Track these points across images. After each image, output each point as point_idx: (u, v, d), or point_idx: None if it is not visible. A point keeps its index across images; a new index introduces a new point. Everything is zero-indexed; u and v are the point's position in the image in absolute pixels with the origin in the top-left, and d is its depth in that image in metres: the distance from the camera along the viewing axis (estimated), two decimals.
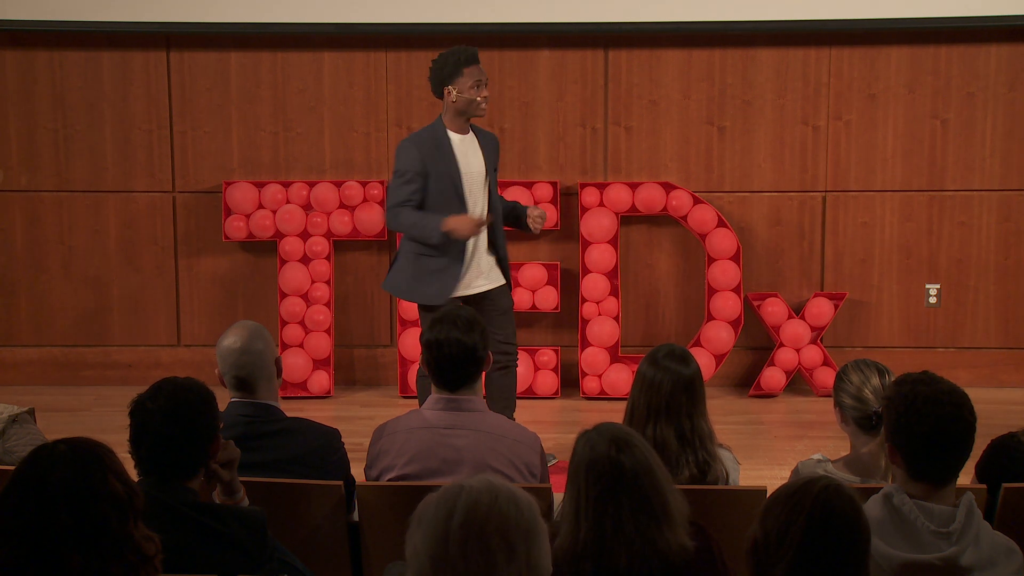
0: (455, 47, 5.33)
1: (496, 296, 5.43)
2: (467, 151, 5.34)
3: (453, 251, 5.27)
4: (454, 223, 5.16)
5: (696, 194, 6.87)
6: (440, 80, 5.30)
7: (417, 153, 5.26)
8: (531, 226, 5.44)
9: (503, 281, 5.46)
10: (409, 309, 6.87)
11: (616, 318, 6.87)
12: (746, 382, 7.01)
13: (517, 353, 5.50)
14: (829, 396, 3.78)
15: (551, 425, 6.32)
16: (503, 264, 5.47)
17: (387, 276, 5.51)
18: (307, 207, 6.93)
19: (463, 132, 5.35)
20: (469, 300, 5.30)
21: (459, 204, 5.28)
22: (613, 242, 6.85)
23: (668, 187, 6.86)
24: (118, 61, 6.98)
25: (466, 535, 2.02)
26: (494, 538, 2.02)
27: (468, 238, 5.22)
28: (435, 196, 5.27)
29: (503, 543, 2.02)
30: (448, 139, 5.31)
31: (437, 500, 2.07)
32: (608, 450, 2.66)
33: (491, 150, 5.43)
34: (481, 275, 5.38)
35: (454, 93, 5.26)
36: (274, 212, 6.91)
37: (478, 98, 5.26)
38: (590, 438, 2.71)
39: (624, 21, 6.73)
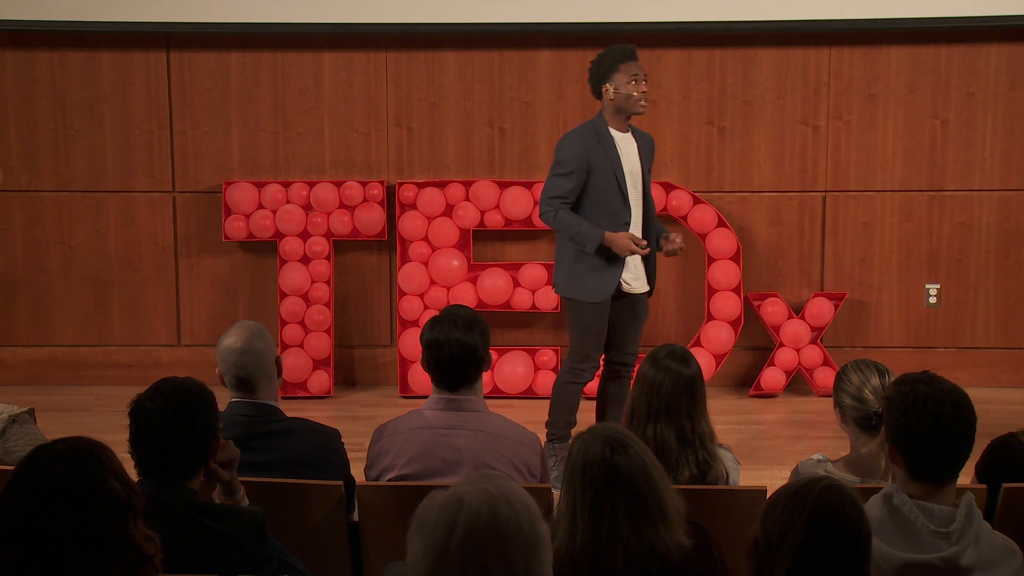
0: (613, 45, 5.32)
1: (638, 302, 5.43)
2: (627, 149, 5.32)
3: (612, 251, 5.24)
4: (611, 238, 5.17)
5: (696, 194, 6.87)
6: (597, 78, 5.28)
7: (581, 147, 5.24)
8: (664, 248, 5.36)
9: (648, 289, 5.44)
10: (409, 309, 6.87)
11: None
12: (746, 382, 7.01)
13: (635, 364, 5.48)
14: (829, 396, 3.78)
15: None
16: (651, 271, 5.44)
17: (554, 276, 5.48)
18: (307, 207, 6.93)
19: (623, 130, 5.31)
20: (624, 300, 5.35)
21: (622, 202, 5.27)
22: None
23: (668, 187, 6.86)
24: (118, 61, 6.98)
25: (465, 555, 2.02)
26: (493, 559, 2.02)
27: (623, 255, 5.19)
28: (598, 192, 5.24)
29: (502, 563, 2.03)
30: (610, 135, 5.28)
31: (438, 512, 2.06)
32: (603, 451, 2.66)
33: (647, 151, 5.39)
34: (641, 278, 5.39)
35: (611, 90, 5.23)
36: (274, 212, 6.91)
37: (635, 93, 5.22)
38: (585, 440, 2.71)
39: (624, 21, 6.73)
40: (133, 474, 2.71)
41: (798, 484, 2.48)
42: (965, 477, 3.06)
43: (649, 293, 5.48)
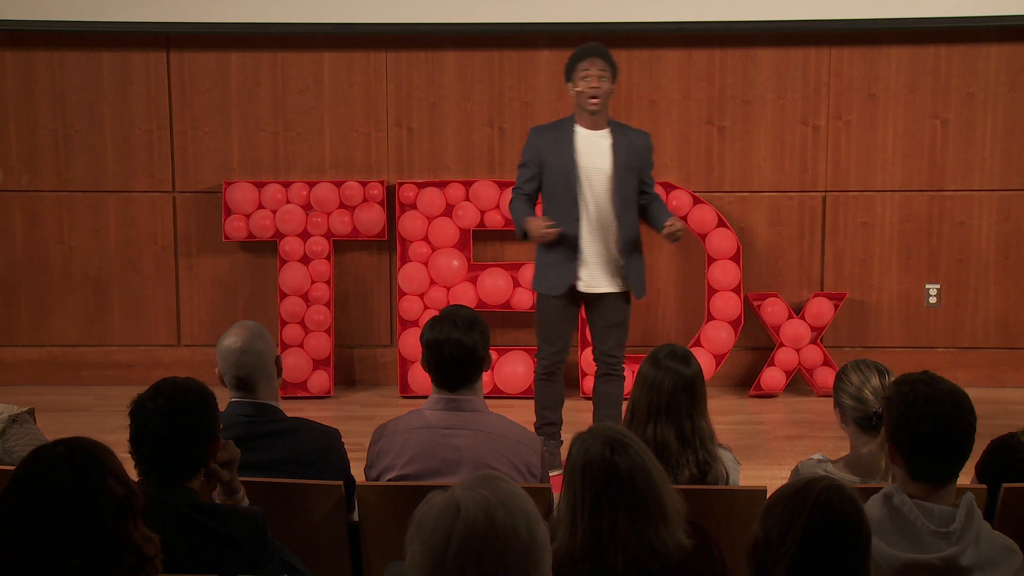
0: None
1: (604, 303, 5.41)
2: (592, 146, 5.32)
3: (565, 247, 5.31)
4: (529, 223, 5.25)
5: (696, 194, 6.87)
6: (566, 78, 5.41)
7: (535, 141, 5.41)
8: (664, 235, 5.34)
9: (620, 289, 5.39)
10: (409, 309, 6.87)
11: None
12: (746, 382, 7.01)
13: (621, 363, 5.49)
14: (829, 396, 3.78)
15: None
16: (628, 272, 5.38)
17: None
18: (307, 207, 6.93)
19: (594, 127, 5.33)
20: (587, 299, 5.39)
21: (570, 199, 5.30)
22: None
23: (668, 187, 6.86)
24: (118, 61, 6.98)
25: (463, 562, 2.02)
26: (490, 565, 2.03)
27: (540, 240, 5.26)
28: (551, 187, 5.36)
29: (500, 570, 2.03)
30: (573, 132, 5.32)
31: (435, 519, 2.06)
32: (603, 451, 2.66)
33: (627, 149, 5.33)
34: (599, 277, 5.36)
35: (571, 88, 5.35)
36: (274, 212, 6.91)
37: (585, 90, 5.28)
38: (585, 440, 2.71)
39: (624, 21, 6.73)
40: (133, 474, 2.71)
41: (798, 484, 2.48)
42: (965, 477, 3.06)
43: (629, 295, 5.41)
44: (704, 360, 6.65)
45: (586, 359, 6.85)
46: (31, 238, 7.11)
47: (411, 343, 6.77)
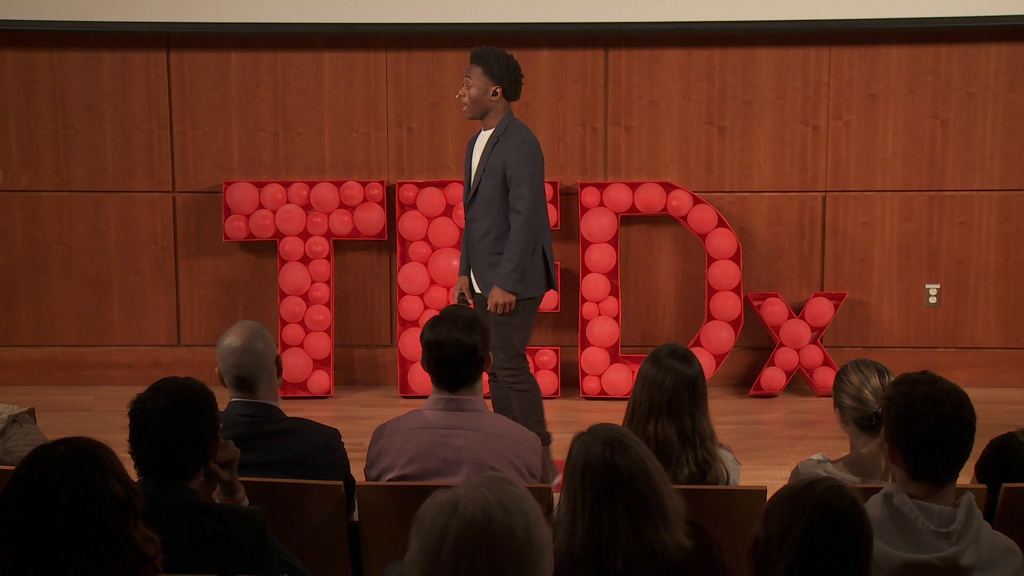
0: None
1: (481, 303, 5.47)
2: (478, 148, 5.49)
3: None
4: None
5: (696, 194, 6.87)
6: None
7: (469, 143, 5.60)
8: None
9: (479, 290, 5.47)
10: (409, 309, 6.87)
11: (616, 318, 6.87)
12: (746, 382, 7.01)
13: (507, 366, 5.40)
14: (829, 396, 3.78)
15: (551, 425, 6.30)
16: (478, 275, 5.46)
17: None
18: (307, 207, 6.93)
19: (485, 128, 5.46)
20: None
21: (467, 198, 5.56)
22: (613, 242, 6.85)
23: (668, 187, 6.86)
24: (118, 61, 6.98)
25: (456, 560, 2.03)
26: (482, 565, 2.03)
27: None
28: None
29: (492, 570, 2.03)
30: (479, 133, 5.50)
31: (434, 513, 2.07)
32: (603, 452, 2.66)
33: (491, 152, 5.39)
34: (476, 278, 5.51)
35: None
36: (274, 212, 6.91)
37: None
38: (584, 440, 2.71)
39: (624, 21, 6.73)
40: (133, 474, 2.71)
41: (800, 484, 2.48)
42: (965, 477, 3.06)
43: (485, 296, 5.40)
44: (704, 360, 6.64)
45: (586, 359, 6.86)
46: (31, 238, 7.11)
47: (411, 343, 6.77)
